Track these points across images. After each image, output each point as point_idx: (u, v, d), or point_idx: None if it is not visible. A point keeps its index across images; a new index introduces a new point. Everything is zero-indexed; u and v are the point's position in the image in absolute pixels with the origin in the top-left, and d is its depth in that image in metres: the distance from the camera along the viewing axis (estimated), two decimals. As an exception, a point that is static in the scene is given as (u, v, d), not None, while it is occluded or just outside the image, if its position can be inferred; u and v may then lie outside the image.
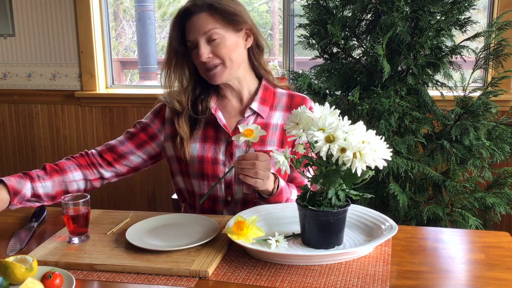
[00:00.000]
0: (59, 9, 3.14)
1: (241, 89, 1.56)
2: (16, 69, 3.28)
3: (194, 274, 1.11)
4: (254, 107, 1.53)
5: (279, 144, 1.54)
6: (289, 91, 1.61)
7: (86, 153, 1.57)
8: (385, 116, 2.08)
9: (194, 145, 1.53)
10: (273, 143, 1.53)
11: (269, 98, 1.57)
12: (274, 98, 1.58)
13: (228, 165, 1.52)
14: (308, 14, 2.28)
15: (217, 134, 1.54)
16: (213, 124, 1.54)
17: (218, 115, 1.53)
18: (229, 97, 1.57)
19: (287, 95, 1.59)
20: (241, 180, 1.50)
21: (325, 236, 1.18)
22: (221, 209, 1.54)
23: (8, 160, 3.41)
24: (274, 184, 1.42)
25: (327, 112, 1.13)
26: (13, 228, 1.41)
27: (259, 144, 1.51)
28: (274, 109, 1.56)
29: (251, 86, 1.57)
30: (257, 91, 1.56)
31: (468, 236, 1.35)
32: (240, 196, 1.53)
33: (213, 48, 1.45)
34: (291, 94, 1.60)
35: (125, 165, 1.57)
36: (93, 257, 1.18)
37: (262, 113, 1.54)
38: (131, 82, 4.09)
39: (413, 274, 1.11)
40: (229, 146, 1.52)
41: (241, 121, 1.53)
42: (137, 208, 3.28)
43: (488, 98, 2.15)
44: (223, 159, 1.52)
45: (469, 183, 2.19)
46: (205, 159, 1.52)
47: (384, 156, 1.10)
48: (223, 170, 1.52)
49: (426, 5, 2.07)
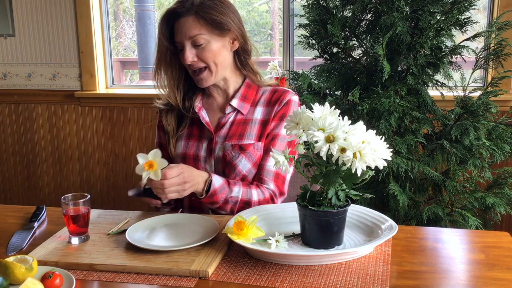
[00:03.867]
0: (59, 9, 3.14)
1: (227, 88, 1.59)
2: (16, 69, 3.28)
3: (194, 274, 1.11)
4: (234, 104, 1.56)
5: (257, 138, 1.55)
6: (273, 87, 1.61)
7: None
8: (385, 116, 2.08)
9: (180, 143, 1.58)
10: (251, 137, 1.54)
11: (251, 95, 1.59)
12: (257, 95, 1.60)
13: (208, 161, 1.55)
14: (308, 14, 2.28)
15: (201, 132, 1.58)
16: (198, 122, 1.58)
17: (201, 113, 1.57)
18: (215, 96, 1.61)
19: (270, 91, 1.60)
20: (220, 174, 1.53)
21: (325, 236, 1.18)
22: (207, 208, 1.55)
23: (8, 160, 3.41)
24: (205, 185, 1.43)
25: (327, 112, 1.13)
26: (13, 228, 1.41)
27: (237, 138, 1.53)
28: (255, 105, 1.58)
29: (237, 85, 1.60)
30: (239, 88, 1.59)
31: (468, 236, 1.35)
32: None
33: (198, 52, 1.48)
34: (274, 89, 1.61)
35: None
36: (93, 257, 1.18)
37: (242, 110, 1.56)
38: (131, 82, 4.09)
39: (413, 274, 1.11)
40: (210, 143, 1.55)
41: (222, 117, 1.57)
42: (137, 208, 3.27)
43: (488, 98, 2.15)
44: (204, 156, 1.55)
45: (469, 183, 2.19)
46: (187, 155, 1.56)
47: (384, 156, 1.10)
48: (203, 166, 1.55)
49: (426, 5, 2.07)
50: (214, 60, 1.49)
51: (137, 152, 3.23)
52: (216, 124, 1.57)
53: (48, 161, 3.36)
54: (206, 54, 1.48)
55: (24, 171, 3.41)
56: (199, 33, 1.45)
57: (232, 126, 1.55)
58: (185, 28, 1.46)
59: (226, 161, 1.53)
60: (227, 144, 1.53)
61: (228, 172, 1.53)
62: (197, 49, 1.47)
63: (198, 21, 1.46)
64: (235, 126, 1.55)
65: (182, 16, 1.46)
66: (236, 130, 1.55)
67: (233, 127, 1.55)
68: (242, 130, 1.54)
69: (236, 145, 1.52)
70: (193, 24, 1.46)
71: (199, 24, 1.46)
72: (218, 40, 1.49)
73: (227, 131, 1.55)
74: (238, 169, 1.52)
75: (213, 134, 1.55)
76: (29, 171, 3.41)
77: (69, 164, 3.34)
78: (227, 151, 1.53)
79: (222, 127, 1.56)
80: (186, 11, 1.46)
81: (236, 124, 1.56)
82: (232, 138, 1.53)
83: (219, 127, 1.56)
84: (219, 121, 1.57)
